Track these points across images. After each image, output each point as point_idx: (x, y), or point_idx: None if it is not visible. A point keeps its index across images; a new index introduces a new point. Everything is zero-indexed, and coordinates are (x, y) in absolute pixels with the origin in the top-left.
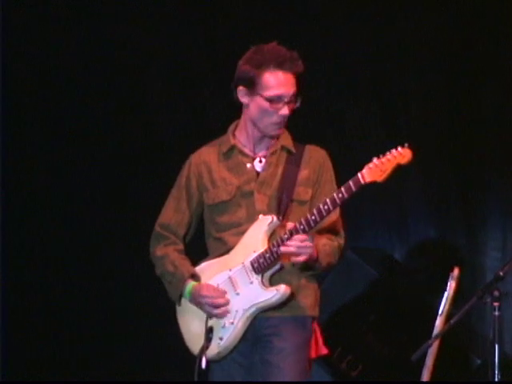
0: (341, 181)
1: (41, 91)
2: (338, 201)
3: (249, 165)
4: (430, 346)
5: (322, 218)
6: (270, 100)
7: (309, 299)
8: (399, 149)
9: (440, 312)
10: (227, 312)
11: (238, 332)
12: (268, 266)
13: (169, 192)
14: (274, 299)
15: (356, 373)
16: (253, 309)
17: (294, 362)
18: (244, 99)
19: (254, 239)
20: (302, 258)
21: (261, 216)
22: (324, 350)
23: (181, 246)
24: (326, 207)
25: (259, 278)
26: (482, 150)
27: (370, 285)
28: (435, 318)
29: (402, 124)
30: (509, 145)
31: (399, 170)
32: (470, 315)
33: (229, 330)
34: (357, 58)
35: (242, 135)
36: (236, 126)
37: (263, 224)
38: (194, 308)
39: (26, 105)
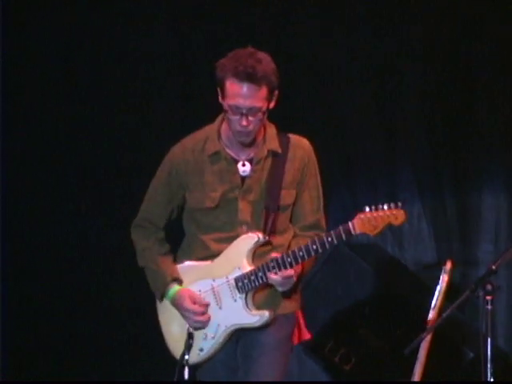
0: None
1: (41, 91)
2: (327, 245)
3: (234, 171)
4: (422, 339)
5: (309, 256)
6: (229, 108)
7: (292, 296)
8: (393, 207)
9: (432, 305)
10: (207, 324)
11: (218, 346)
12: (252, 288)
13: None
14: (256, 324)
15: (349, 366)
16: (235, 327)
17: (276, 358)
18: (221, 101)
19: (239, 255)
20: (283, 289)
21: (244, 227)
22: (307, 335)
23: (162, 236)
24: (314, 247)
25: (243, 297)
26: (476, 144)
27: (363, 279)
28: (428, 312)
29: (397, 117)
30: (502, 138)
31: (392, 164)
32: (463, 309)
33: (210, 344)
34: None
35: (225, 135)
36: (222, 121)
37: (249, 242)
38: (174, 310)
39: (26, 104)
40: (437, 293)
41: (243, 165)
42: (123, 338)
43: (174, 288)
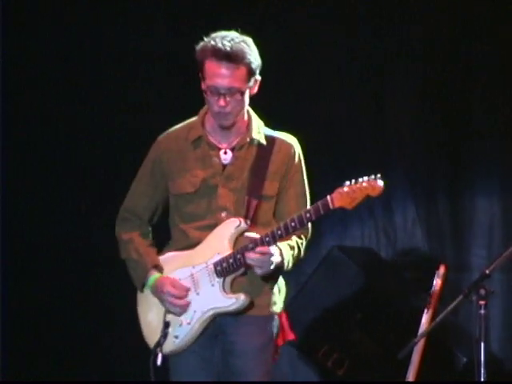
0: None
1: (41, 91)
2: (305, 221)
3: (215, 157)
4: (416, 343)
5: (287, 234)
6: (207, 89)
7: (273, 297)
8: (371, 179)
9: (426, 310)
10: (186, 310)
11: (194, 333)
12: (230, 271)
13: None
14: (231, 307)
15: (342, 371)
16: (211, 312)
17: (256, 366)
18: (201, 85)
19: (220, 240)
20: (262, 272)
21: (223, 214)
22: (291, 336)
23: (146, 229)
24: (292, 224)
25: (220, 281)
26: (470, 149)
27: (356, 283)
28: (421, 316)
29: (390, 121)
30: (496, 143)
31: (386, 168)
32: (456, 313)
33: (185, 330)
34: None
35: (209, 123)
36: (206, 112)
37: (230, 227)
38: (154, 299)
39: (26, 104)
40: (430, 297)
41: (225, 153)
42: (123, 338)
43: (155, 275)
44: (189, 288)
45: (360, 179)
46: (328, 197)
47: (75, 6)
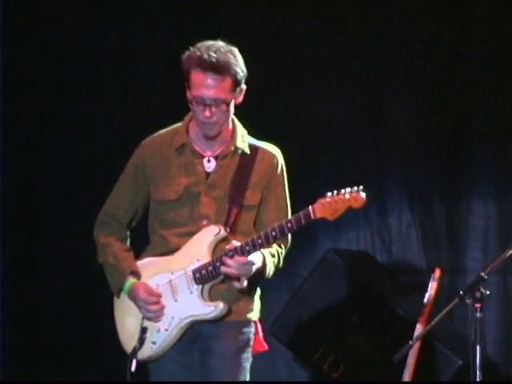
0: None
1: (40, 91)
2: (286, 230)
3: (198, 165)
4: (411, 346)
5: (268, 243)
6: (193, 99)
7: (250, 304)
8: (354, 191)
9: (421, 313)
10: (161, 316)
11: (171, 339)
12: (209, 279)
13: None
14: (210, 315)
15: (337, 374)
16: (189, 319)
17: (233, 367)
18: (187, 94)
19: (199, 247)
20: (239, 285)
21: (205, 221)
22: (263, 347)
23: (125, 234)
24: (273, 233)
25: (199, 289)
26: (465, 151)
27: (351, 286)
28: (416, 319)
29: (385, 124)
30: (492, 146)
31: (381, 171)
32: (452, 316)
33: (163, 336)
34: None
35: (193, 130)
36: (191, 119)
37: (210, 234)
38: (131, 305)
39: (26, 104)
40: (426, 300)
41: (208, 161)
42: None
43: (131, 281)
44: (161, 295)
45: (342, 190)
46: (310, 207)
47: (75, 6)
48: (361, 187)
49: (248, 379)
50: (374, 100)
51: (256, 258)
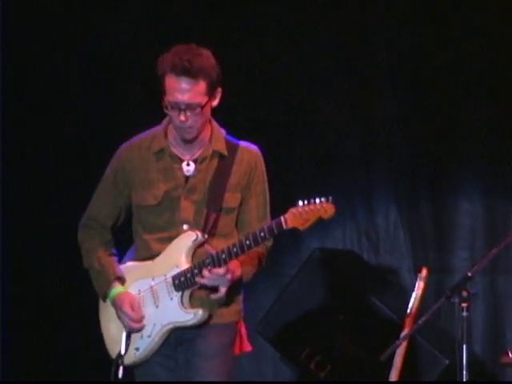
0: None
1: (40, 91)
2: (259, 240)
3: (178, 170)
4: (398, 346)
5: (243, 252)
6: (168, 104)
7: (233, 306)
8: (324, 201)
9: (408, 312)
10: (143, 328)
11: (154, 345)
12: (188, 286)
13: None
14: (190, 322)
15: (324, 373)
16: (170, 326)
17: (217, 365)
18: (162, 99)
19: (178, 253)
20: (216, 297)
21: (185, 226)
22: (248, 347)
23: (108, 236)
24: (247, 242)
25: (179, 295)
26: (452, 151)
27: (338, 285)
28: (403, 319)
29: (373, 125)
30: (478, 146)
31: (368, 171)
32: (439, 315)
33: (146, 343)
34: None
35: (171, 134)
36: (169, 122)
37: (188, 240)
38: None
39: (26, 104)
40: (412, 299)
41: (187, 164)
42: None
43: (116, 289)
44: (144, 300)
45: (312, 200)
46: (282, 217)
47: (75, 6)
48: (330, 198)
49: (234, 379)
50: (361, 101)
51: (234, 265)
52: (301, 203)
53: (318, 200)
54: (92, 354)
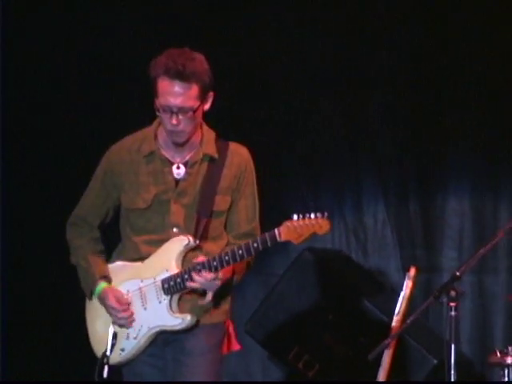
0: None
1: (40, 91)
2: (252, 250)
3: (168, 173)
4: (386, 345)
5: (235, 261)
6: (160, 107)
7: (222, 306)
8: (319, 217)
9: (396, 311)
10: (131, 323)
11: (140, 347)
12: (177, 290)
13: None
14: (177, 327)
15: (313, 372)
16: (157, 329)
17: (205, 362)
18: (154, 102)
19: (168, 257)
20: (204, 302)
21: (175, 229)
22: (236, 346)
23: (97, 235)
24: (240, 252)
25: (168, 299)
26: (440, 151)
27: (327, 285)
28: (392, 318)
29: (361, 124)
30: (466, 145)
31: (357, 170)
32: (427, 315)
33: (131, 344)
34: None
35: (162, 136)
36: (159, 124)
37: (179, 244)
38: (101, 309)
39: (26, 104)
40: (401, 299)
41: (178, 167)
42: None
43: (101, 285)
44: (131, 301)
45: (307, 215)
46: (276, 230)
47: (75, 6)
48: (326, 214)
49: (222, 379)
50: (349, 101)
51: (226, 269)
52: (295, 217)
53: (313, 215)
54: (92, 354)
